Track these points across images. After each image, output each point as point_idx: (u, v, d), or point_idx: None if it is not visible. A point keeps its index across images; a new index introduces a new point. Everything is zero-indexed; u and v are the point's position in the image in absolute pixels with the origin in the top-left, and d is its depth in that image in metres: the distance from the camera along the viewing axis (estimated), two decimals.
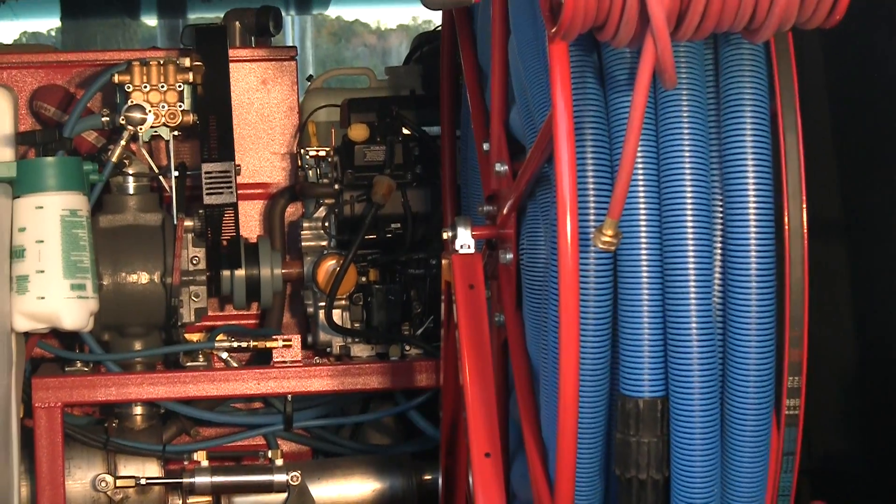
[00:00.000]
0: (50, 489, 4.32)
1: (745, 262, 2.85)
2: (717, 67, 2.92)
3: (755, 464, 2.91)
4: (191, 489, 4.47)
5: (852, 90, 3.55)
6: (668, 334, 2.87)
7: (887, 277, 3.56)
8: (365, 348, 4.71)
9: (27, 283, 4.06)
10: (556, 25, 2.65)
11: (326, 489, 4.60)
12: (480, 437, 3.26)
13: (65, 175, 4.18)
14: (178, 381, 4.48)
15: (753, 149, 2.86)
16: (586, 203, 2.85)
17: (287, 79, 4.97)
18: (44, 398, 4.33)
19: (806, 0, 2.60)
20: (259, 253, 4.69)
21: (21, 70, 4.92)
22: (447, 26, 4.06)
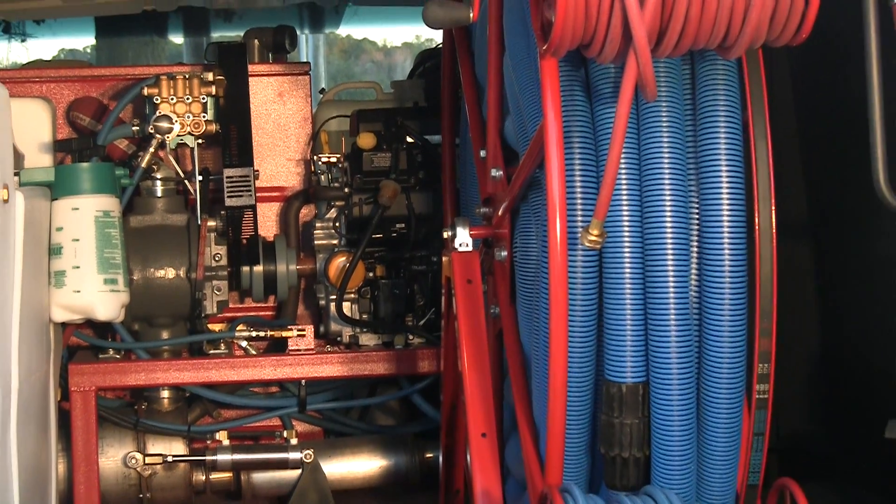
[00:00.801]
0: (85, 466, 4.31)
1: (719, 259, 2.85)
2: (693, 81, 2.92)
3: (728, 443, 2.91)
4: (213, 466, 4.47)
5: (817, 102, 3.55)
6: (649, 325, 2.87)
7: (849, 274, 3.56)
8: (372, 337, 4.71)
9: (64, 278, 4.05)
10: (547, 43, 2.65)
11: (337, 466, 4.60)
12: (477, 418, 3.26)
13: (99, 179, 4.18)
14: (202, 367, 4.48)
15: (727, 155, 2.86)
16: (574, 205, 2.85)
17: (301, 92, 4.97)
18: (79, 383, 4.33)
19: (775, 20, 2.60)
20: (276, 250, 4.69)
21: (59, 83, 4.92)
22: (447, 44, 4.06)
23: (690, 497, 2.91)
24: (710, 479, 2.93)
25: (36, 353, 3.70)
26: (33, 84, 4.88)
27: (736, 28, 2.58)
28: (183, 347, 4.66)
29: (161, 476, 4.52)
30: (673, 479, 2.90)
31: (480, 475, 3.18)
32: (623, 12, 2.53)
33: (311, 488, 4.45)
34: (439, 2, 3.17)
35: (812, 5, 2.58)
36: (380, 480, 4.65)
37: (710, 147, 2.86)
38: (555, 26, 2.59)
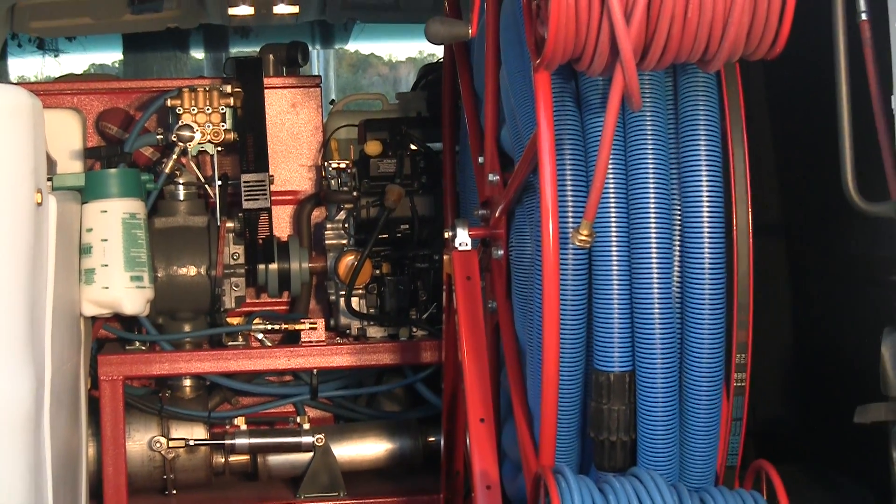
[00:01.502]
0: (113, 449, 4.31)
1: (700, 256, 2.85)
2: (675, 93, 2.91)
3: (708, 428, 2.90)
4: (232, 449, 4.48)
5: (790, 112, 3.55)
6: (635, 318, 2.87)
7: (820, 270, 3.56)
8: (379, 330, 4.70)
9: (94, 275, 4.05)
10: (540, 57, 2.65)
11: (346, 449, 4.59)
12: (476, 405, 3.25)
13: (125, 184, 4.18)
14: (221, 357, 4.48)
15: (707, 161, 2.85)
16: (565, 207, 2.84)
17: (313, 103, 4.97)
18: (108, 372, 4.32)
19: (751, 36, 2.59)
20: (289, 250, 4.68)
21: (89, 95, 4.92)
22: (448, 58, 4.05)
23: (673, 477, 2.90)
24: (692, 461, 2.93)
25: (68, 345, 3.70)
26: (65, 96, 4.88)
27: (715, 43, 2.58)
28: (204, 339, 4.65)
29: (183, 458, 4.51)
30: (657, 461, 2.89)
31: (479, 457, 3.18)
32: (610, 29, 2.52)
33: (323, 470, 4.45)
34: (440, 19, 3.17)
35: (785, 23, 2.57)
36: (386, 462, 4.65)
37: (691, 153, 2.86)
38: (547, 42, 2.58)
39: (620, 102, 2.60)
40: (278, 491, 4.51)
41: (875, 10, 2.65)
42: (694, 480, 2.92)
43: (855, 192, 2.70)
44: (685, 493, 2.76)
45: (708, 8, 2.53)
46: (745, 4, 2.53)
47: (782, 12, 2.56)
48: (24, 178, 3.07)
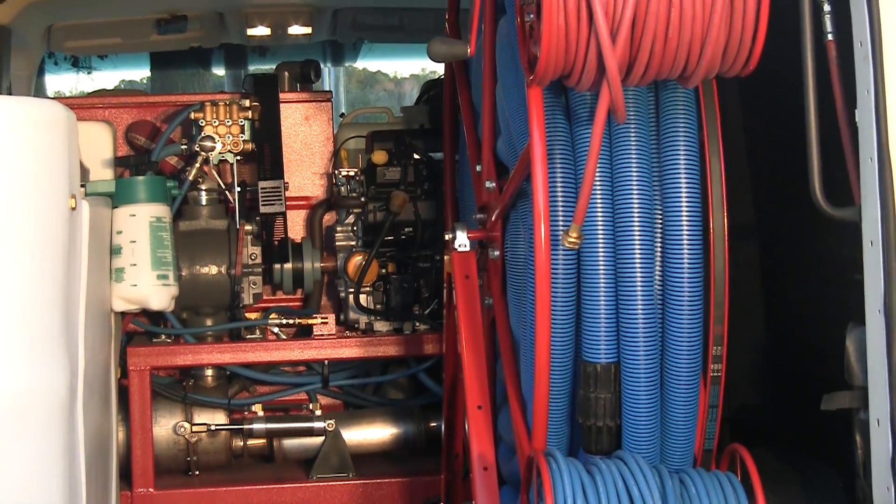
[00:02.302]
0: (141, 433, 4.31)
1: (679, 257, 2.84)
2: (657, 107, 2.91)
3: (687, 414, 2.90)
4: (250, 433, 4.48)
5: (763, 123, 3.54)
6: (620, 314, 2.86)
7: (789, 270, 3.55)
8: (385, 324, 4.71)
9: (123, 274, 4.05)
10: (533, 74, 2.64)
11: (355, 433, 4.59)
12: (474, 393, 3.25)
13: (152, 190, 4.18)
14: (240, 349, 4.48)
15: (685, 169, 2.85)
16: (555, 212, 2.84)
17: (324, 116, 4.97)
18: (136, 363, 4.32)
19: (726, 55, 2.59)
20: (303, 250, 4.69)
21: (119, 109, 4.92)
22: (448, 75, 4.05)
23: (655, 460, 2.90)
24: (672, 445, 2.92)
25: (99, 338, 3.70)
26: (97, 110, 4.89)
27: (693, 62, 2.58)
28: (224, 333, 4.66)
29: (205, 442, 4.51)
30: (640, 445, 2.89)
31: (476, 441, 3.17)
32: (598, 48, 2.52)
33: (333, 453, 4.44)
34: (441, 39, 3.17)
35: (758, 42, 2.57)
36: (391, 446, 4.64)
37: (671, 162, 2.86)
38: (540, 60, 2.58)
39: (607, 115, 2.60)
40: (293, 472, 4.51)
41: (840, 31, 2.65)
42: (674, 463, 2.92)
43: (822, 197, 2.70)
44: (666, 475, 2.76)
45: (687, 29, 2.53)
46: (720, 26, 2.53)
47: (755, 33, 2.56)
48: (59, 184, 3.07)
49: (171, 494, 4.35)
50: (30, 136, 3.00)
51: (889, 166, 2.55)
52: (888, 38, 2.55)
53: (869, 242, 2.62)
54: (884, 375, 2.58)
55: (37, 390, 3.01)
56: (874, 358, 2.63)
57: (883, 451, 2.60)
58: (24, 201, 2.97)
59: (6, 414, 2.93)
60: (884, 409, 2.58)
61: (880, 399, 2.60)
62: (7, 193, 2.93)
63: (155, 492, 4.32)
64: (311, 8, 5.84)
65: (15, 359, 2.95)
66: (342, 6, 5.94)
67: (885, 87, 2.55)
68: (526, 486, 2.85)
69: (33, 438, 2.99)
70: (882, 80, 2.55)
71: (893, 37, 2.56)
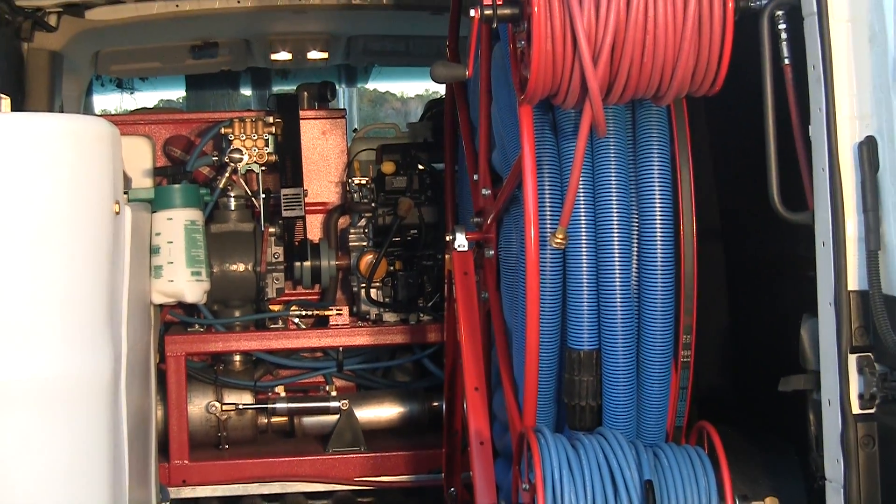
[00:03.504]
0: (177, 412, 4.31)
1: (653, 256, 2.84)
2: (634, 122, 2.91)
3: (660, 395, 2.90)
4: (273, 412, 4.48)
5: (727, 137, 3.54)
6: (601, 307, 2.86)
7: (751, 267, 3.55)
8: (392, 315, 4.70)
9: (161, 271, 4.04)
10: (524, 94, 2.64)
11: (366, 412, 4.59)
12: (471, 376, 3.25)
13: (187, 197, 4.16)
14: (265, 337, 4.48)
15: (659, 178, 2.85)
16: (544, 216, 2.83)
17: (339, 131, 4.96)
18: (173, 349, 4.33)
19: (695, 76, 2.59)
20: (320, 250, 4.68)
21: (158, 125, 4.91)
22: (449, 95, 4.04)
23: (631, 435, 2.90)
24: (647, 422, 2.92)
25: (140, 328, 3.69)
26: (138, 125, 4.88)
27: (665, 83, 2.57)
28: (250, 323, 4.65)
29: (234, 419, 4.51)
30: (618, 422, 2.89)
31: (474, 419, 3.17)
32: (581, 71, 2.51)
33: (347, 429, 4.44)
34: (442, 63, 3.16)
35: (723, 66, 2.57)
36: (398, 423, 4.64)
37: (646, 171, 2.86)
38: (530, 81, 2.58)
39: (589, 130, 2.59)
40: (311, 446, 4.51)
41: (796, 56, 2.65)
42: (648, 438, 2.92)
43: (779, 203, 2.70)
44: (641, 448, 2.75)
45: (660, 54, 2.53)
46: (689, 51, 2.53)
47: (720, 58, 2.56)
48: (105, 191, 3.07)
49: (203, 465, 4.35)
50: (79, 149, 2.99)
51: (839, 176, 2.55)
52: (838, 63, 2.55)
53: (821, 243, 2.62)
54: (834, 361, 2.57)
55: (85, 374, 3.00)
56: (825, 345, 2.63)
57: (833, 428, 2.59)
58: (74, 206, 2.97)
59: (59, 394, 2.93)
60: (834, 390, 2.58)
61: (831, 382, 2.60)
62: (59, 199, 2.93)
63: (189, 463, 4.33)
64: (328, 36, 5.85)
65: (66, 346, 2.95)
66: (355, 34, 5.95)
67: (835, 105, 2.55)
68: (518, 459, 2.84)
69: (83, 415, 2.98)
70: (832, 100, 2.55)
71: (842, 62, 2.55)
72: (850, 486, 2.54)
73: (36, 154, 2.89)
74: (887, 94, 2.47)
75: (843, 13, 2.53)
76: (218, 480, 4.36)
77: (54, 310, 2.91)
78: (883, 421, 2.52)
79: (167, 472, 4.27)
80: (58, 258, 2.92)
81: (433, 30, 5.38)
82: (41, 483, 2.88)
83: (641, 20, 2.49)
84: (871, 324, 2.50)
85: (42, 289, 2.89)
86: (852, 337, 2.54)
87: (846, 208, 2.54)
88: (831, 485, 2.61)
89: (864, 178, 2.51)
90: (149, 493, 3.80)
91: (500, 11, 2.62)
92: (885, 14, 2.47)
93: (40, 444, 2.87)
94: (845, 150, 2.54)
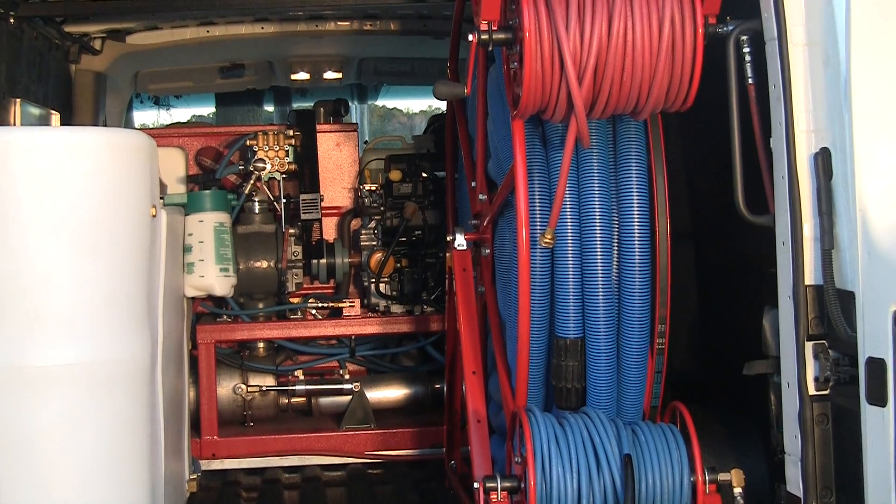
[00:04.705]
0: (207, 392, 4.31)
1: (632, 254, 2.84)
2: (614, 135, 2.90)
3: (638, 378, 2.90)
4: (293, 393, 4.48)
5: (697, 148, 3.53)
6: (585, 300, 2.86)
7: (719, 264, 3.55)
8: (399, 307, 4.70)
9: (193, 267, 4.04)
10: (516, 110, 2.64)
11: (376, 393, 4.58)
12: (469, 361, 3.25)
13: (216, 201, 4.17)
14: (285, 327, 4.47)
15: (637, 185, 2.85)
16: (534, 218, 2.83)
17: (352, 143, 4.96)
18: (203, 337, 4.32)
19: (669, 94, 2.59)
20: (335, 249, 4.68)
21: (191, 137, 4.91)
22: (449, 110, 4.04)
23: (612, 414, 2.90)
24: (626, 402, 2.92)
25: (174, 318, 3.69)
26: (173, 138, 4.88)
27: (643, 100, 2.57)
28: (273, 314, 4.64)
29: (258, 400, 4.51)
30: (600, 403, 2.89)
31: (471, 400, 3.17)
32: (567, 89, 2.51)
33: (359, 408, 4.44)
34: (444, 82, 3.16)
35: (693, 85, 2.57)
36: (404, 403, 4.64)
37: (625, 179, 2.85)
38: (522, 98, 2.58)
39: (575, 142, 2.59)
40: (327, 423, 4.51)
41: (758, 76, 2.65)
42: (627, 416, 2.92)
43: (744, 207, 2.70)
44: (621, 426, 2.75)
45: (637, 75, 2.53)
46: (664, 72, 2.53)
47: (692, 78, 2.56)
48: (143, 196, 3.07)
49: (230, 440, 4.35)
50: (120, 159, 3.00)
51: (797, 183, 2.55)
52: (796, 83, 2.55)
53: (781, 243, 2.62)
54: (792, 348, 2.57)
55: (127, 358, 3.01)
56: (785, 334, 2.63)
57: (792, 408, 2.59)
58: (116, 209, 2.97)
59: (104, 376, 2.93)
60: (792, 374, 2.58)
61: (790, 366, 2.60)
62: (102, 203, 2.93)
63: (218, 439, 4.32)
64: (342, 58, 5.85)
65: (110, 334, 2.95)
66: (366, 56, 5.96)
67: (793, 120, 2.55)
68: (511, 435, 2.84)
69: (125, 395, 2.99)
70: (791, 116, 2.55)
71: (800, 81, 2.55)
72: (807, 460, 2.54)
73: (82, 163, 2.89)
74: (839, 111, 2.47)
75: (800, 38, 2.54)
76: (243, 454, 4.35)
77: (99, 303, 2.92)
78: (836, 401, 2.52)
79: (198, 446, 4.27)
80: (102, 256, 2.92)
81: (435, 53, 5.38)
82: (88, 453, 2.89)
83: (621, 44, 2.49)
84: (826, 314, 2.50)
85: (88, 284, 2.89)
86: (809, 326, 2.54)
87: (803, 212, 2.54)
88: (790, 458, 2.61)
89: (819, 185, 2.51)
90: (182, 464, 3.80)
91: (496, 36, 2.63)
92: (837, 39, 2.47)
93: (88, 418, 2.89)
94: (802, 161, 2.54)
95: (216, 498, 4.03)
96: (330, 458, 4.38)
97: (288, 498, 4.05)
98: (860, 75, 2.43)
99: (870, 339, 2.36)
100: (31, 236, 2.83)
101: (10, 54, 4.16)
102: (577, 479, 2.65)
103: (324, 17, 5.18)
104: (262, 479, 4.26)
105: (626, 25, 2.49)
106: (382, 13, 5.12)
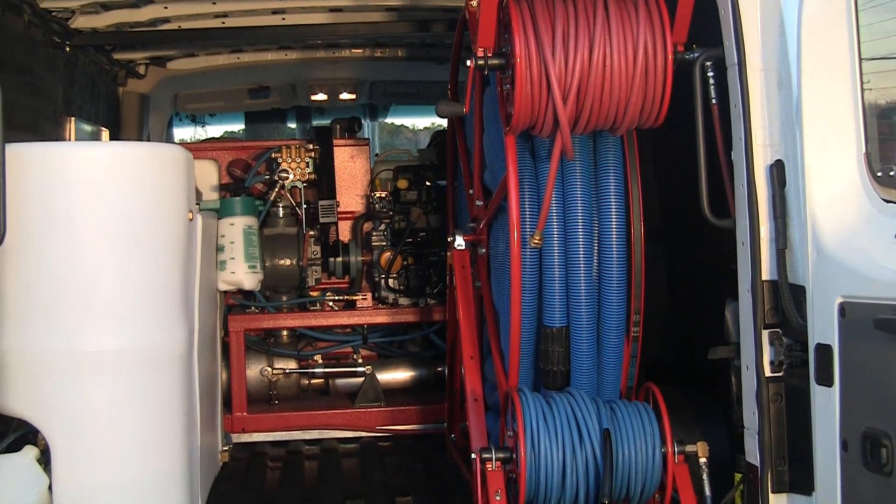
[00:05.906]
0: (237, 375, 4.31)
1: (610, 253, 2.84)
2: (595, 149, 2.91)
3: (616, 362, 2.90)
4: (313, 375, 4.49)
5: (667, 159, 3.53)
6: (569, 293, 2.86)
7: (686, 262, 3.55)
8: (406, 300, 4.70)
9: (225, 265, 4.04)
10: (509, 126, 2.64)
11: (386, 376, 4.59)
12: (467, 347, 3.25)
13: (245, 207, 4.17)
14: (306, 317, 4.48)
15: (614, 191, 2.85)
16: (524, 221, 2.84)
17: (364, 156, 4.96)
18: (234, 326, 4.32)
19: (643, 112, 2.59)
20: (349, 249, 4.68)
21: (222, 150, 4.91)
22: (450, 126, 4.04)
23: (592, 393, 2.90)
24: (605, 383, 2.92)
25: (209, 309, 3.69)
26: (207, 151, 4.88)
27: (620, 117, 2.58)
28: (295, 305, 4.65)
29: (282, 381, 4.51)
30: (583, 384, 2.89)
31: (469, 381, 3.18)
32: (553, 108, 2.52)
33: (370, 388, 4.44)
34: (445, 102, 3.17)
35: (664, 105, 2.58)
36: (411, 384, 4.64)
37: (604, 186, 2.86)
38: (513, 116, 2.58)
39: (560, 154, 2.60)
40: (342, 402, 4.51)
41: (721, 97, 2.65)
42: (606, 396, 2.92)
43: (709, 211, 2.70)
44: (601, 404, 2.76)
45: (615, 95, 2.53)
46: (638, 93, 2.54)
47: (663, 98, 2.56)
48: (181, 203, 3.08)
49: (258, 417, 4.36)
50: (161, 170, 3.00)
51: (755, 190, 2.56)
52: (754, 103, 2.55)
53: (741, 243, 2.63)
54: (751, 335, 2.58)
55: (166, 345, 3.01)
56: (744, 323, 2.63)
57: (750, 388, 2.60)
58: (157, 214, 2.98)
59: (147, 361, 2.94)
60: (751, 358, 2.59)
61: (748, 351, 2.61)
62: (145, 208, 2.94)
63: (247, 415, 4.33)
64: (356, 81, 5.86)
65: (152, 323, 2.96)
66: (377, 79, 5.97)
67: (752, 136, 2.55)
68: (504, 412, 2.85)
69: (164, 377, 2.99)
70: (750, 131, 2.55)
71: (757, 102, 2.56)
72: (763, 433, 2.54)
73: (128, 173, 2.90)
74: (792, 128, 2.48)
75: (757, 64, 2.54)
76: (269, 428, 4.36)
77: (143, 296, 2.92)
78: (789, 382, 2.53)
79: (230, 421, 4.28)
80: (145, 255, 2.93)
81: (438, 76, 5.39)
82: (133, 427, 2.90)
83: (601, 69, 2.50)
84: (780, 306, 2.50)
85: (133, 280, 2.90)
86: (765, 316, 2.54)
87: (760, 216, 2.54)
88: (748, 432, 2.62)
89: (774, 193, 2.51)
90: (216, 438, 3.81)
91: (491, 62, 2.64)
92: (790, 65, 2.48)
93: (133, 397, 2.90)
94: (760, 171, 2.55)
95: (245, 467, 4.04)
96: (345, 431, 4.39)
97: (308, 467, 4.06)
98: (810, 96, 2.43)
99: (818, 328, 2.37)
100: (84, 238, 2.84)
101: (66, 78, 4.19)
102: (562, 450, 2.66)
103: (340, 45, 5.20)
104: (286, 450, 4.27)
105: (605, 52, 2.50)
106: (391, 41, 5.13)
